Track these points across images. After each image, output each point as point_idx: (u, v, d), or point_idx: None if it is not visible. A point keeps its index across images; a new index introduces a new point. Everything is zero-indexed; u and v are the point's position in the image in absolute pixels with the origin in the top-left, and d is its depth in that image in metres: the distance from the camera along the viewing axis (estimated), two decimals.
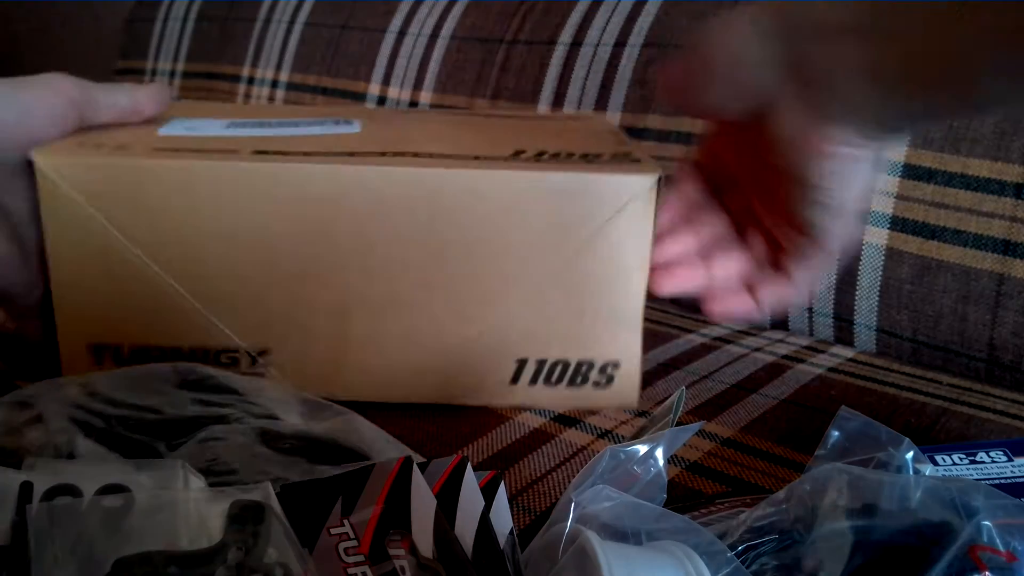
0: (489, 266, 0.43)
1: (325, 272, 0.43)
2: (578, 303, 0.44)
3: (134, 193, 0.42)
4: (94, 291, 0.43)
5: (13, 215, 0.43)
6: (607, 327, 0.45)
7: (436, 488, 0.28)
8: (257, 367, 0.44)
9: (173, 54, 1.08)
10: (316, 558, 0.25)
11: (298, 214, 0.42)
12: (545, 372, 0.45)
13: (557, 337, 0.45)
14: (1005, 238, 0.54)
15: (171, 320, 0.44)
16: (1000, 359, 0.55)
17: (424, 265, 0.43)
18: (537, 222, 0.43)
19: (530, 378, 0.45)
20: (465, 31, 0.83)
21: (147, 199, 0.42)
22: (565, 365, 0.45)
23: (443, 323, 0.44)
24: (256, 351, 0.44)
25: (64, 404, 0.35)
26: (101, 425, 0.35)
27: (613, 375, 0.46)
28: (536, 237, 0.43)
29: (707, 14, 0.68)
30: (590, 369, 0.45)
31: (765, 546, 0.28)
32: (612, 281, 0.44)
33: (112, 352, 0.44)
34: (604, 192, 0.42)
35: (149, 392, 0.37)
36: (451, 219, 0.42)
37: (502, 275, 0.43)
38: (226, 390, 0.38)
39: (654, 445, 0.30)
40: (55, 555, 0.23)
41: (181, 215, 0.42)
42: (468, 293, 0.44)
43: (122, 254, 0.42)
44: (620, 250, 0.43)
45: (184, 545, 0.24)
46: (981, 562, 0.25)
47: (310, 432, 0.36)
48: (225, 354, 0.44)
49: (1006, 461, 0.35)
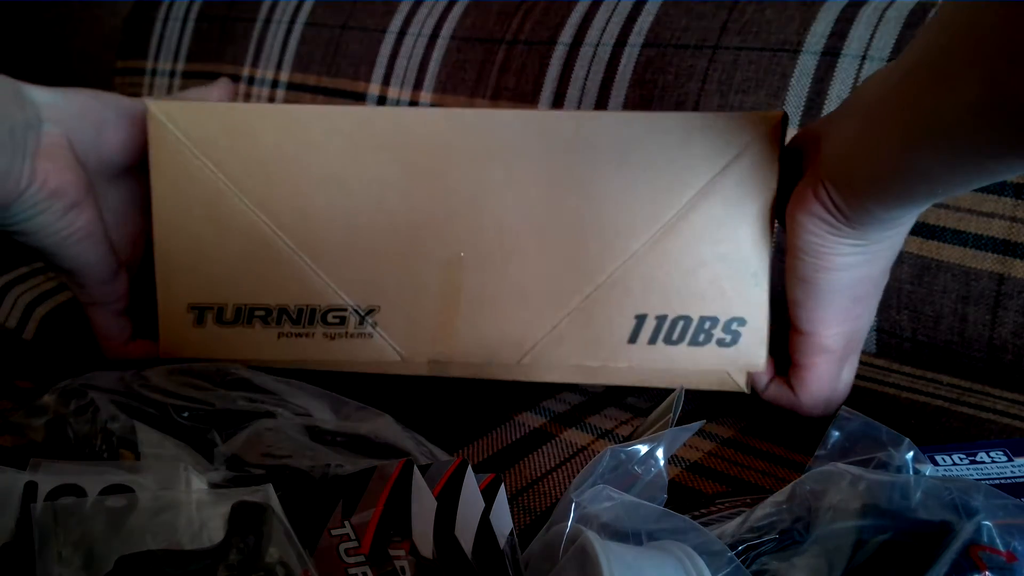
0: (606, 214, 0.42)
1: (437, 223, 0.42)
2: (700, 253, 0.42)
3: (244, 139, 0.41)
4: (197, 245, 0.42)
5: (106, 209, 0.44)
6: (731, 280, 0.42)
7: (437, 490, 0.28)
8: (364, 327, 0.43)
9: (173, 54, 1.08)
10: (317, 558, 0.25)
11: (410, 161, 0.41)
12: (665, 329, 0.43)
13: (678, 291, 0.42)
14: (1005, 238, 0.54)
15: (276, 277, 0.43)
16: (1000, 359, 0.55)
17: (538, 214, 0.42)
18: (655, 167, 0.41)
19: (649, 336, 0.43)
20: (465, 31, 0.83)
21: (258, 145, 0.41)
22: (687, 321, 0.43)
23: (558, 275, 0.42)
24: (364, 309, 0.43)
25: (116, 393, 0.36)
26: (155, 413, 0.35)
27: (739, 332, 0.43)
28: (654, 183, 0.41)
29: (707, 14, 0.68)
30: (714, 326, 0.43)
31: (765, 546, 0.28)
32: (735, 229, 0.42)
33: (215, 313, 0.43)
34: (724, 133, 0.41)
35: (196, 388, 0.38)
36: (565, 164, 0.41)
37: (619, 224, 0.42)
38: (262, 390, 0.38)
39: (655, 445, 0.30)
40: (59, 553, 0.23)
41: (291, 162, 0.41)
42: (584, 243, 0.42)
43: (229, 204, 0.42)
44: (743, 195, 0.41)
45: (186, 545, 0.25)
46: (981, 562, 0.25)
47: (350, 429, 0.36)
48: (332, 313, 0.43)
49: (1006, 461, 0.35)
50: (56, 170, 0.40)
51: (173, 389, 0.37)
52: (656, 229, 0.42)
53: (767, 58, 0.63)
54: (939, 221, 0.56)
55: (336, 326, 0.43)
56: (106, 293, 0.45)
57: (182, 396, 0.37)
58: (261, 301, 0.43)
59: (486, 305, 0.43)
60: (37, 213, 0.40)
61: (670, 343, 0.43)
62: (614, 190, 0.41)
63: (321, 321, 0.43)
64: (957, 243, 0.56)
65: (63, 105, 0.41)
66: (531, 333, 0.43)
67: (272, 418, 0.36)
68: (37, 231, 0.41)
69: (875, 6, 0.61)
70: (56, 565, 0.23)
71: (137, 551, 0.24)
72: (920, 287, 0.57)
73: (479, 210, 0.42)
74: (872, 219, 0.36)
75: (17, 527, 0.25)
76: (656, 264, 0.42)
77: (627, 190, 0.41)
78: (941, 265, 0.56)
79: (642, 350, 0.43)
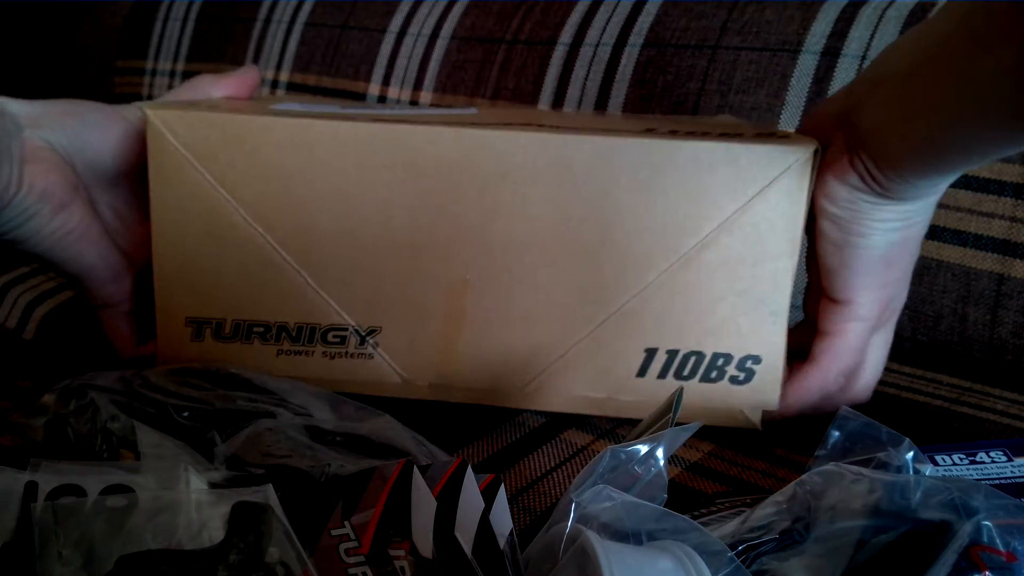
0: (620, 243, 0.40)
1: (443, 244, 0.41)
2: (717, 288, 0.40)
3: (246, 152, 0.40)
4: (197, 259, 0.41)
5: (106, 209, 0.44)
6: (748, 317, 0.41)
7: (437, 490, 0.28)
8: (365, 347, 0.42)
9: (173, 54, 1.08)
10: (317, 559, 0.25)
11: (418, 180, 0.40)
12: (676, 364, 0.42)
13: (691, 326, 0.41)
14: (1005, 238, 0.54)
15: (277, 293, 0.41)
16: (1000, 359, 0.55)
17: (549, 240, 0.40)
18: (674, 197, 0.39)
19: (659, 370, 0.42)
20: (465, 31, 0.83)
21: (260, 159, 0.40)
22: (699, 357, 0.41)
23: (567, 303, 0.41)
24: (365, 329, 0.42)
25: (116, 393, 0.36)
26: (154, 413, 0.35)
27: (753, 371, 0.41)
28: (673, 214, 0.39)
29: (707, 14, 0.68)
30: (727, 363, 0.41)
31: (765, 546, 0.28)
32: (756, 265, 0.40)
33: (213, 328, 0.42)
34: (751, 165, 0.39)
35: (196, 388, 0.37)
36: (580, 191, 0.40)
37: (634, 254, 0.40)
38: (261, 390, 0.38)
39: (655, 445, 0.30)
40: (59, 553, 0.23)
41: (294, 178, 0.40)
42: (596, 273, 0.41)
43: (229, 218, 0.40)
44: (767, 230, 0.40)
45: (186, 545, 0.25)
46: (981, 562, 0.25)
47: (350, 429, 0.36)
48: (332, 332, 0.42)
49: (1006, 461, 0.35)
50: (41, 172, 0.40)
51: (173, 389, 0.37)
52: (672, 262, 0.40)
53: (767, 58, 0.63)
54: (939, 221, 0.56)
55: (336, 345, 0.42)
56: (113, 294, 0.45)
57: (182, 396, 0.37)
58: (260, 317, 0.42)
59: (491, 330, 0.42)
60: (28, 218, 0.40)
61: (680, 378, 0.42)
62: (631, 218, 0.40)
63: (321, 340, 0.42)
64: (957, 243, 0.56)
65: (41, 112, 0.41)
66: (537, 360, 0.42)
67: (272, 418, 0.36)
68: (31, 236, 0.41)
69: (875, 6, 0.61)
70: (56, 565, 0.23)
71: (137, 551, 0.24)
72: (920, 287, 0.57)
73: (487, 233, 0.40)
74: (908, 187, 0.36)
75: (17, 527, 0.25)
76: (670, 297, 0.41)
77: (644, 219, 0.40)
78: (941, 265, 0.56)
79: (651, 384, 0.42)
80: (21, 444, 0.33)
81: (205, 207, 0.40)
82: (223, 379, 0.39)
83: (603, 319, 0.41)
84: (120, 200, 0.45)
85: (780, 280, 0.40)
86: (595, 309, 0.41)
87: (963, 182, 0.56)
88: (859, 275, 0.39)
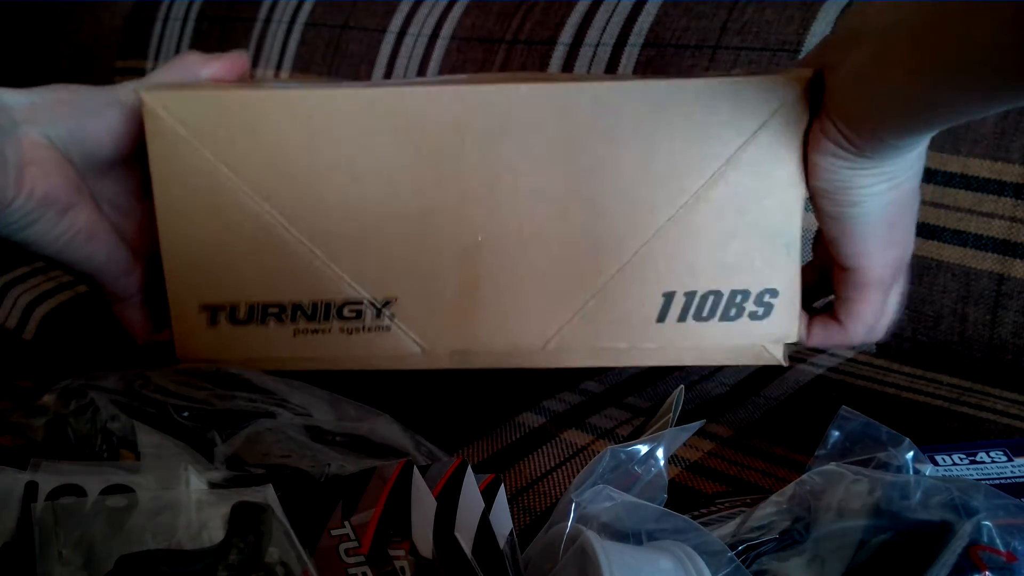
0: (628, 189, 0.40)
1: (451, 207, 0.40)
2: (728, 225, 0.40)
3: (246, 128, 0.39)
4: (205, 244, 0.41)
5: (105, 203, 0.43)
6: (762, 251, 0.41)
7: (436, 490, 0.28)
8: (382, 320, 0.42)
9: (173, 54, 1.08)
10: (317, 559, 0.25)
11: (420, 143, 0.39)
12: (695, 306, 0.41)
13: (707, 265, 0.41)
14: (1005, 238, 0.54)
15: (288, 272, 0.41)
16: (1000, 359, 0.55)
17: (557, 192, 0.40)
18: (678, 137, 0.39)
19: (679, 314, 0.41)
20: (465, 31, 0.83)
21: (259, 134, 0.39)
22: (717, 296, 0.41)
23: (580, 256, 0.41)
24: (381, 301, 0.41)
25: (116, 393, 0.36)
26: (155, 413, 0.35)
27: (771, 304, 0.41)
28: (678, 154, 0.39)
29: (707, 14, 0.68)
30: (745, 299, 0.41)
31: (765, 546, 0.28)
32: (765, 198, 0.40)
33: (227, 312, 0.42)
34: (750, 98, 0.39)
35: (196, 388, 0.37)
36: (584, 139, 0.39)
37: (643, 198, 0.40)
38: (261, 390, 0.38)
39: (655, 445, 0.30)
40: (59, 553, 0.23)
41: (295, 151, 0.40)
42: (607, 221, 0.40)
43: (234, 197, 0.40)
44: (772, 163, 0.39)
45: (186, 545, 0.25)
46: (981, 562, 0.25)
47: (350, 429, 0.36)
48: (348, 307, 0.41)
49: (1006, 461, 0.35)
50: (42, 175, 0.39)
51: (173, 389, 0.37)
52: (681, 203, 0.40)
53: (767, 58, 0.63)
54: (939, 221, 0.56)
55: (353, 320, 0.42)
56: (125, 287, 0.44)
57: (182, 396, 0.36)
58: (274, 298, 0.42)
59: (507, 290, 0.41)
60: (31, 223, 0.39)
61: (700, 320, 0.41)
62: (635, 164, 0.39)
63: (337, 316, 0.42)
64: (957, 243, 0.56)
65: (38, 103, 0.40)
66: (555, 317, 0.42)
67: (272, 418, 0.36)
68: (36, 240, 0.40)
69: None
70: (57, 564, 0.23)
71: (137, 551, 0.24)
72: (920, 287, 0.57)
73: (494, 191, 0.40)
74: (887, 147, 0.35)
75: (18, 527, 0.25)
76: (682, 239, 0.40)
77: (649, 163, 0.39)
78: (941, 265, 0.56)
79: (671, 329, 0.42)
80: (21, 444, 0.33)
81: (209, 187, 0.40)
82: (223, 379, 0.39)
83: (617, 268, 0.41)
84: (117, 188, 0.44)
85: (790, 210, 0.40)
86: (608, 259, 0.41)
87: (963, 182, 0.56)
88: (862, 241, 0.38)
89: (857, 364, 0.55)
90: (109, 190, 0.44)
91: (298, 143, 0.40)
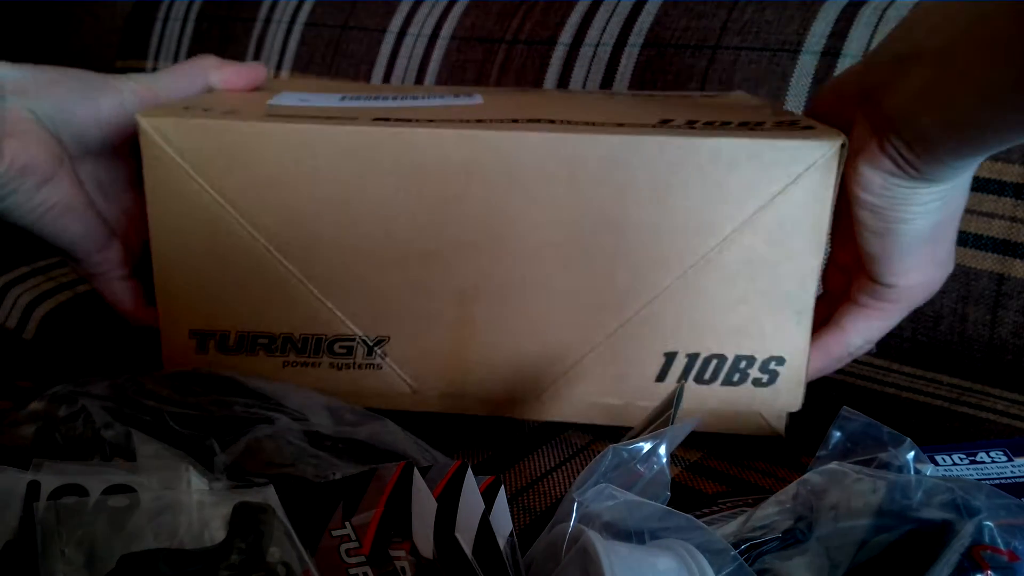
0: (636, 246, 0.38)
1: (451, 251, 0.39)
2: (738, 290, 0.39)
3: (244, 160, 0.39)
4: (197, 270, 0.40)
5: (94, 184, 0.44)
6: (771, 318, 0.39)
7: (437, 491, 0.28)
8: (373, 358, 0.41)
9: (173, 54, 1.08)
10: (318, 559, 0.25)
11: (423, 185, 0.38)
12: (697, 368, 0.40)
13: (712, 328, 0.40)
14: (1005, 238, 0.54)
15: (280, 304, 0.40)
16: (1000, 359, 0.55)
17: (562, 244, 0.39)
18: (693, 197, 0.37)
19: (679, 375, 0.40)
20: (465, 31, 0.83)
21: (258, 167, 0.39)
22: (720, 360, 0.40)
23: (581, 310, 0.40)
24: (373, 339, 0.41)
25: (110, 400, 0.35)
26: (150, 421, 0.34)
27: (776, 372, 0.40)
28: (692, 214, 0.38)
29: (707, 14, 0.68)
30: (750, 365, 0.40)
31: (768, 545, 0.28)
32: (780, 265, 0.38)
33: (217, 340, 0.41)
34: (774, 161, 0.37)
35: (191, 394, 0.37)
36: (594, 192, 0.38)
37: (651, 257, 0.39)
38: (256, 393, 0.37)
39: (657, 442, 0.30)
40: (61, 552, 0.23)
41: (294, 186, 0.39)
42: (611, 277, 0.39)
43: (229, 228, 0.39)
44: (791, 229, 0.38)
45: (188, 544, 0.25)
46: (983, 561, 0.25)
47: (349, 434, 0.36)
48: (339, 343, 0.41)
49: (1006, 461, 0.35)
50: (23, 146, 0.39)
51: (167, 395, 0.36)
52: (690, 264, 0.39)
53: (767, 58, 0.63)
54: None
55: (343, 356, 0.41)
56: (100, 263, 0.45)
57: (176, 402, 0.36)
58: (265, 329, 0.41)
59: (503, 338, 0.40)
60: (9, 192, 0.39)
61: (701, 382, 0.40)
62: (647, 220, 0.38)
63: (328, 351, 0.41)
64: (957, 243, 0.56)
65: (27, 78, 0.40)
66: (551, 369, 0.41)
67: (270, 424, 0.35)
68: (13, 210, 0.40)
69: (875, 6, 0.61)
70: (59, 564, 0.23)
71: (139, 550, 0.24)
72: None
73: (496, 238, 0.39)
74: (946, 168, 0.34)
75: (20, 526, 0.25)
76: (689, 300, 0.39)
77: (662, 220, 0.38)
78: None
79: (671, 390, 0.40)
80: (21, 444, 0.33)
81: (203, 215, 0.39)
82: (216, 383, 0.38)
83: (619, 325, 0.40)
84: (109, 174, 0.45)
85: (805, 279, 0.39)
86: (611, 315, 0.40)
87: None
88: (906, 258, 0.37)
89: (857, 364, 0.55)
90: (100, 173, 0.44)
91: (297, 177, 0.39)
